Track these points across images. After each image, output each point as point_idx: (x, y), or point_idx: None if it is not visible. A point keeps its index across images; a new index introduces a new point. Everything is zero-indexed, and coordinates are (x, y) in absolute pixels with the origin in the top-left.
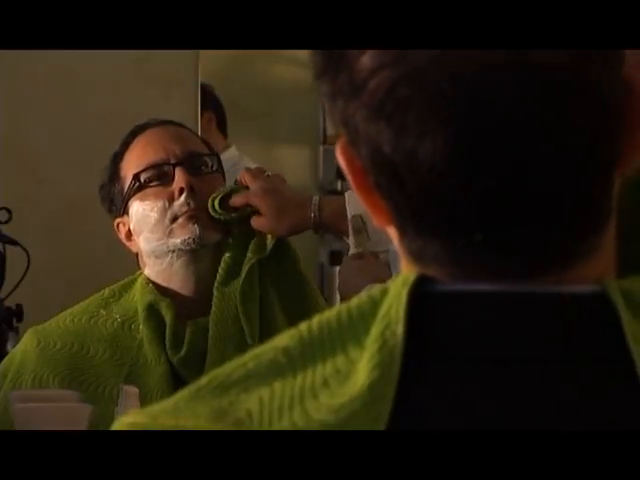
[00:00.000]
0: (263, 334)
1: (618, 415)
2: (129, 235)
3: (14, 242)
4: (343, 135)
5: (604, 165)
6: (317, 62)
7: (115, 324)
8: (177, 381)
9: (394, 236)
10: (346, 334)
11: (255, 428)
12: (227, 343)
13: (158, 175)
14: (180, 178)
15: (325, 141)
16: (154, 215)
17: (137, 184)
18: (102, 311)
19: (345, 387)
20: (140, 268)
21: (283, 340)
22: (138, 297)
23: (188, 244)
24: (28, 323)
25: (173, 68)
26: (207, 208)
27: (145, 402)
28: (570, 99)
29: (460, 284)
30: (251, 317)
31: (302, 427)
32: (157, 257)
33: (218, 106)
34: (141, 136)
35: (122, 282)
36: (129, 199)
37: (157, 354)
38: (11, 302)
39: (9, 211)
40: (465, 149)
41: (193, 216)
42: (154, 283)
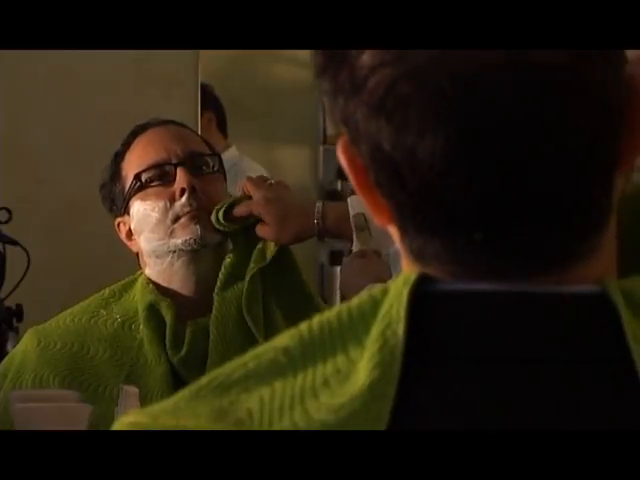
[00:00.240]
0: (268, 340)
1: (618, 415)
2: (130, 235)
3: (14, 242)
4: (344, 133)
5: (604, 165)
6: (318, 60)
7: (115, 324)
8: (177, 381)
9: (395, 235)
10: (346, 334)
11: (256, 428)
12: (228, 346)
13: (159, 175)
14: (182, 178)
15: (325, 141)
16: (155, 215)
17: (138, 184)
18: (102, 311)
19: (345, 387)
20: (140, 268)
21: (283, 340)
22: (138, 297)
23: (189, 244)
24: (28, 323)
25: (173, 68)
26: (208, 208)
27: (145, 402)
28: (570, 99)
29: (461, 283)
30: (258, 323)
31: (303, 427)
32: (158, 257)
33: (218, 106)
34: (142, 136)
35: (122, 282)
36: (130, 199)
37: (157, 354)
38: (11, 302)
39: (9, 211)
40: (465, 149)
41: (195, 216)
42: (154, 283)
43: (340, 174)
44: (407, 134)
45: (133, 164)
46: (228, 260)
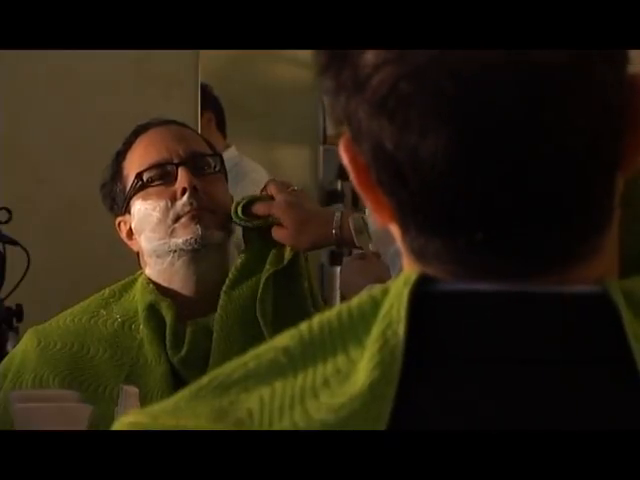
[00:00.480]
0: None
1: (619, 415)
2: (130, 234)
3: (14, 242)
4: (346, 132)
5: (605, 165)
6: (320, 58)
7: (115, 324)
8: (177, 381)
9: (396, 234)
10: (347, 334)
11: (256, 428)
12: (231, 346)
13: (161, 175)
14: (183, 178)
15: (325, 141)
16: (156, 214)
17: (139, 183)
18: (102, 311)
19: (345, 387)
20: (141, 268)
21: (283, 340)
22: (138, 297)
23: (190, 244)
24: (28, 323)
25: (173, 68)
26: (209, 208)
27: (145, 402)
28: (570, 99)
29: (461, 283)
30: (268, 325)
31: (303, 427)
32: (158, 257)
33: (218, 106)
34: (144, 135)
35: (122, 282)
36: (131, 198)
37: (157, 354)
38: (11, 302)
39: (9, 211)
40: (465, 148)
41: (196, 216)
42: (155, 283)
43: (340, 174)
44: (409, 133)
45: (135, 163)
46: (239, 260)
